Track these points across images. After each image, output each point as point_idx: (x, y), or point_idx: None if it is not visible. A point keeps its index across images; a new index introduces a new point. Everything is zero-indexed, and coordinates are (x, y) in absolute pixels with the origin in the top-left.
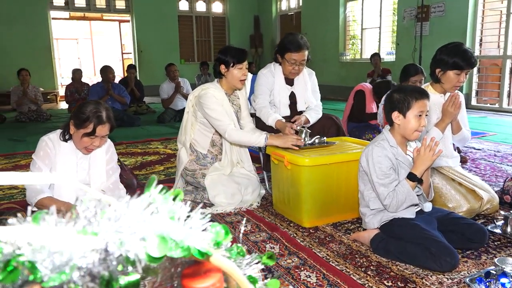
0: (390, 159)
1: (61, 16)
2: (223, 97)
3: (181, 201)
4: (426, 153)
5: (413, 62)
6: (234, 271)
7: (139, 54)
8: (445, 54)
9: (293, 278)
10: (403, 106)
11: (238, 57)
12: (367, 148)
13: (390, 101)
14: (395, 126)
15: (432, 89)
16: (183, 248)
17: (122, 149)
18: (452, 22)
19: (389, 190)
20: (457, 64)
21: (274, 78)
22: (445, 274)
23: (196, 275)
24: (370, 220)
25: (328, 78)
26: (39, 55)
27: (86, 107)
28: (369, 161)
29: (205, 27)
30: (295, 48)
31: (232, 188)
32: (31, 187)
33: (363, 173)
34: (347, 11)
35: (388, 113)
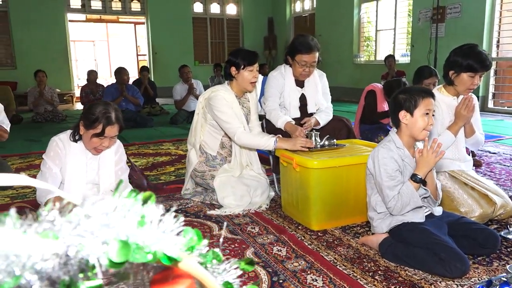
0: (396, 161)
1: (78, 18)
2: (233, 100)
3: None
4: (429, 154)
5: (428, 64)
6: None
7: (153, 56)
8: (459, 56)
9: (299, 281)
10: (410, 104)
11: (249, 59)
12: (374, 150)
13: (396, 102)
14: (402, 127)
15: (445, 91)
16: (147, 253)
17: (134, 150)
18: (469, 23)
19: (394, 193)
20: (471, 66)
21: (284, 80)
22: (454, 280)
23: (165, 281)
24: (378, 225)
25: (342, 80)
26: (56, 57)
27: (95, 108)
28: (375, 163)
29: (219, 29)
30: (306, 49)
31: (241, 190)
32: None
33: (370, 176)
34: (361, 12)
35: (394, 114)
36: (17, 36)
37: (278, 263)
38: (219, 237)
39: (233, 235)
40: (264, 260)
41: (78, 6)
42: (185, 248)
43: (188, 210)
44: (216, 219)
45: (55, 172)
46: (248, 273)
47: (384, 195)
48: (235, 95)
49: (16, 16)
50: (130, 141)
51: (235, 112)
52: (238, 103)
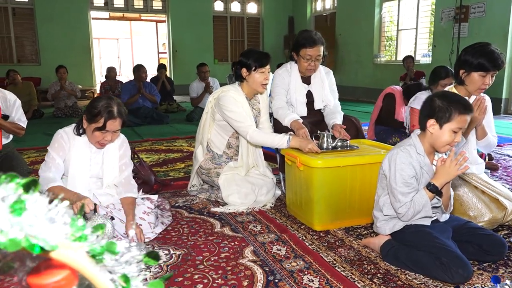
0: (414, 168)
1: (101, 16)
2: (243, 101)
3: (39, 192)
4: (452, 165)
5: (450, 64)
6: (85, 268)
7: (173, 54)
8: (470, 55)
9: (295, 281)
10: (443, 116)
11: (261, 61)
12: (392, 152)
13: (430, 106)
14: (427, 134)
15: (456, 91)
16: (16, 241)
17: (148, 146)
18: (493, 23)
19: (407, 200)
20: (482, 65)
21: (290, 77)
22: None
23: (41, 270)
24: (382, 226)
25: (362, 80)
26: (79, 54)
27: (98, 102)
28: (391, 166)
29: (240, 27)
30: (310, 43)
31: (246, 188)
32: (45, 175)
33: (383, 176)
34: (382, 11)
35: (423, 117)
36: (42, 33)
37: (276, 262)
38: (220, 234)
39: (234, 233)
40: (262, 259)
41: (101, 4)
42: (71, 238)
43: (192, 207)
44: (220, 216)
45: (58, 163)
46: (245, 271)
47: (396, 200)
48: (245, 97)
49: (41, 13)
50: (144, 137)
51: (246, 112)
52: (248, 105)
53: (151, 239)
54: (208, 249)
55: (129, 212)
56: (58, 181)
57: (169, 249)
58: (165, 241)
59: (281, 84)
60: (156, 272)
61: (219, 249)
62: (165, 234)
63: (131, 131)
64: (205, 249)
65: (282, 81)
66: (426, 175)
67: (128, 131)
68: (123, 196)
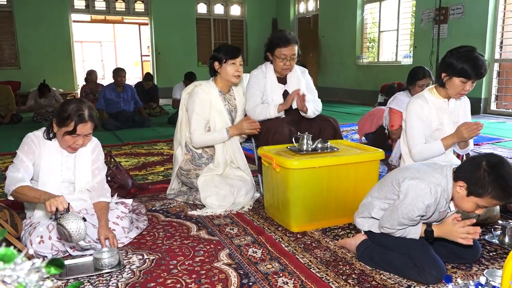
0: (430, 209)
1: (82, 19)
2: (215, 96)
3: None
4: (458, 231)
5: (430, 65)
6: None
7: (157, 57)
8: (455, 58)
9: (269, 284)
10: (477, 190)
11: (231, 53)
12: (420, 184)
13: (473, 173)
14: (454, 190)
15: (436, 92)
16: None
17: (127, 150)
18: (472, 24)
19: (399, 228)
20: (464, 71)
21: (265, 78)
22: (430, 286)
23: None
24: (362, 221)
25: (345, 82)
26: (59, 57)
27: (68, 105)
28: (409, 196)
29: (223, 30)
30: (284, 43)
31: (225, 190)
32: (13, 175)
33: (393, 189)
34: (364, 13)
35: (465, 179)
36: (21, 36)
37: (251, 265)
38: (196, 238)
39: (210, 236)
40: (237, 262)
41: (82, 7)
42: None
43: (169, 210)
44: (197, 219)
45: (27, 165)
46: (219, 275)
47: (390, 224)
48: (218, 91)
49: (21, 16)
50: (125, 141)
51: (216, 109)
52: (223, 99)
53: (125, 244)
54: (182, 253)
55: (102, 217)
56: (27, 182)
57: (143, 254)
58: (139, 245)
59: (256, 86)
60: (128, 278)
61: (194, 253)
62: (140, 238)
63: (111, 135)
64: (179, 253)
65: (257, 83)
66: (436, 216)
67: (108, 135)
68: (95, 201)
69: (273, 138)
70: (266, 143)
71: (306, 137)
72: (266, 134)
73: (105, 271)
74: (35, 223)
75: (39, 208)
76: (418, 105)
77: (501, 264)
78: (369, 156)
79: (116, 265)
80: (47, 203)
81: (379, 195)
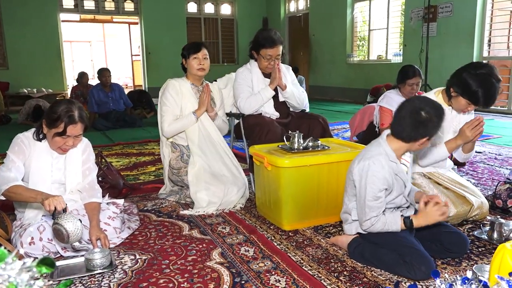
0: (386, 179)
1: (71, 18)
2: (187, 88)
3: None
4: (433, 211)
5: (419, 63)
6: None
7: (147, 56)
8: (470, 79)
9: (262, 282)
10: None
11: (193, 48)
12: (363, 163)
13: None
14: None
15: (442, 98)
16: None
17: (118, 150)
18: (460, 22)
19: (373, 215)
20: (475, 97)
21: (251, 74)
22: (419, 281)
23: None
24: (349, 227)
25: (336, 80)
26: (48, 57)
27: (58, 106)
28: (363, 178)
29: (214, 29)
30: (270, 44)
31: (215, 186)
32: (4, 174)
33: (352, 183)
34: (354, 12)
35: (418, 135)
36: (9, 36)
37: (244, 264)
38: (188, 237)
39: (203, 235)
40: (230, 261)
41: (71, 6)
42: None
43: (161, 210)
44: (189, 219)
45: (18, 165)
46: (211, 274)
47: (363, 212)
48: (191, 84)
49: (8, 15)
50: (115, 141)
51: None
52: (196, 91)
53: (116, 245)
54: (175, 253)
55: (93, 218)
56: (19, 181)
57: (135, 254)
58: (131, 246)
59: (243, 82)
60: (121, 278)
61: (186, 252)
62: (132, 238)
63: (102, 135)
64: (172, 253)
65: (244, 79)
66: (400, 180)
67: (99, 135)
68: (87, 202)
69: (266, 137)
70: (259, 142)
71: (297, 135)
72: (259, 133)
73: (97, 272)
74: (26, 224)
75: (30, 209)
76: None
77: (489, 260)
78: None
79: (108, 265)
80: (47, 201)
81: (348, 197)
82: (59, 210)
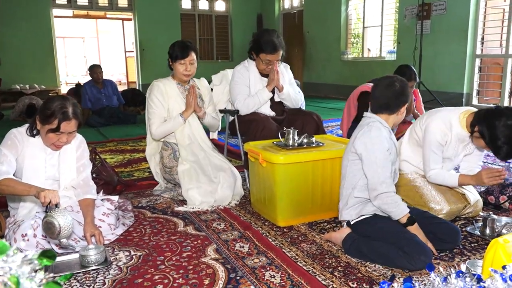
0: (387, 140)
1: (64, 14)
2: (172, 87)
3: None
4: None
5: (413, 61)
6: None
7: (141, 53)
8: (501, 132)
9: (257, 278)
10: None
11: (181, 53)
12: (362, 131)
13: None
14: (397, 116)
15: (464, 123)
16: None
17: (112, 146)
18: (454, 20)
19: (387, 174)
20: (497, 152)
21: (248, 72)
22: (413, 276)
23: None
24: (348, 212)
25: (330, 77)
26: (41, 53)
27: (51, 102)
28: (368, 143)
29: (208, 25)
30: (270, 50)
31: (207, 185)
32: None
33: (354, 159)
34: (349, 9)
35: (400, 103)
36: (1, 32)
37: (239, 260)
38: (183, 233)
39: (197, 232)
40: (225, 257)
41: (64, 2)
42: None
43: (156, 207)
44: (183, 215)
45: (10, 160)
46: (206, 270)
47: (378, 174)
48: (176, 83)
49: (0, 11)
50: (109, 138)
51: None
52: (183, 90)
53: (111, 241)
54: (170, 249)
55: (88, 214)
56: (11, 175)
57: (130, 250)
58: (126, 242)
59: (240, 81)
60: (116, 274)
61: (181, 249)
62: (127, 235)
63: (96, 132)
64: (167, 249)
65: (241, 78)
66: (393, 147)
67: (93, 131)
68: (81, 198)
69: (262, 133)
70: (254, 138)
71: (292, 132)
72: (255, 130)
73: (91, 268)
74: (19, 221)
75: (24, 206)
76: (440, 132)
77: (482, 255)
78: None
79: (103, 262)
80: (43, 193)
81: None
82: (53, 203)
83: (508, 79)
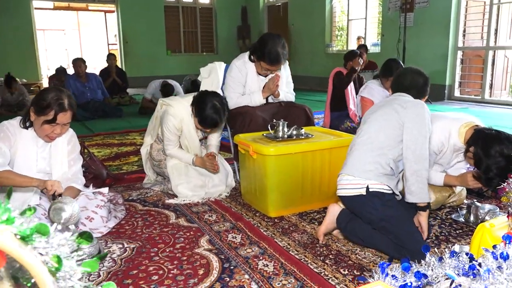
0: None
1: (45, 6)
2: (188, 120)
3: None
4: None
5: (397, 53)
6: (11, 249)
7: (124, 45)
8: (495, 163)
9: (250, 267)
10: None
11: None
12: (410, 103)
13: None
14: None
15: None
16: None
17: (99, 140)
18: (436, 13)
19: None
20: (486, 182)
21: (247, 70)
22: None
23: None
24: (368, 174)
25: (315, 70)
26: (21, 45)
27: (47, 94)
28: (420, 116)
29: (192, 18)
30: (273, 62)
31: (197, 179)
32: None
33: (398, 128)
34: (333, 1)
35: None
36: None
37: (232, 250)
38: (176, 225)
39: (190, 223)
40: (218, 247)
41: None
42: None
43: (147, 200)
44: (175, 208)
45: (4, 151)
46: (200, 260)
47: (425, 150)
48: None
49: None
50: (95, 131)
51: (189, 130)
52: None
53: (104, 234)
54: (163, 241)
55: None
56: (7, 167)
57: (123, 242)
58: (118, 235)
59: (237, 79)
60: (110, 266)
61: (174, 240)
62: (119, 228)
63: (81, 126)
64: (160, 241)
65: (238, 74)
66: None
67: (78, 125)
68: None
69: (249, 126)
70: (242, 131)
71: (281, 124)
72: (242, 123)
73: None
74: None
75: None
76: (439, 142)
77: (467, 241)
78: (343, 141)
79: (97, 254)
80: (49, 182)
81: (380, 145)
82: (58, 193)
83: (489, 71)
